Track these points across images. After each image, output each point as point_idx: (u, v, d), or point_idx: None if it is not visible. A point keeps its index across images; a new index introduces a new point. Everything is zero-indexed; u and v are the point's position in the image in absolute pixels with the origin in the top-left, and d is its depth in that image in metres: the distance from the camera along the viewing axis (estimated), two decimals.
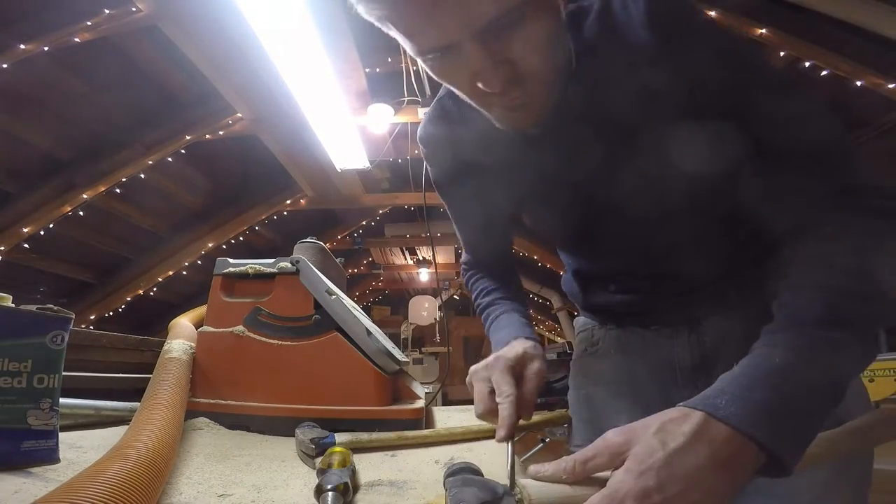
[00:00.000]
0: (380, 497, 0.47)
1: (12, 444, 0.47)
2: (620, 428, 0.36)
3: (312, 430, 0.63)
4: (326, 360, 0.76)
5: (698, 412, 0.34)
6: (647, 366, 0.68)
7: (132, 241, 4.38)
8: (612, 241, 0.65)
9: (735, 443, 0.33)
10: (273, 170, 4.01)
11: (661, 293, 0.66)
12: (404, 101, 3.21)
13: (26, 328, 0.49)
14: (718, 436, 0.33)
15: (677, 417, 0.35)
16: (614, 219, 0.61)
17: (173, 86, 3.28)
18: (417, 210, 5.36)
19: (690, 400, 0.36)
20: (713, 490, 0.32)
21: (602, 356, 0.74)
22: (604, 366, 0.73)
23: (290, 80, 2.39)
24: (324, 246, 1.12)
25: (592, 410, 0.73)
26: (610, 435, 0.36)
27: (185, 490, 0.47)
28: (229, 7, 1.91)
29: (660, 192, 0.56)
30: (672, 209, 0.57)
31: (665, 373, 0.66)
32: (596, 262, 0.73)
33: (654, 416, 0.36)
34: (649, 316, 0.69)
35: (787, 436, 0.34)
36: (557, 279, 4.04)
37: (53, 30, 2.42)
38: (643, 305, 0.68)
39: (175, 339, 0.81)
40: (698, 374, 0.63)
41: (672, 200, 0.56)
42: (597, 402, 0.73)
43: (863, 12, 2.22)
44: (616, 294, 0.71)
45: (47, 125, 3.04)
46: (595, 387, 0.74)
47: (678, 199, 0.56)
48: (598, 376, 0.74)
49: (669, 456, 0.32)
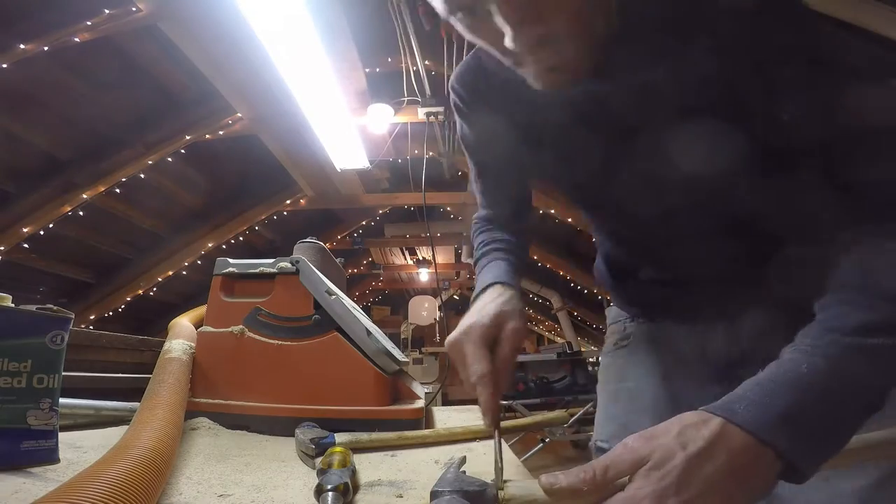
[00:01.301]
0: (380, 497, 0.47)
1: (12, 444, 0.47)
2: (641, 433, 0.35)
3: (312, 430, 0.63)
4: (326, 361, 0.76)
5: (717, 418, 0.34)
6: (679, 363, 0.66)
7: (132, 241, 4.38)
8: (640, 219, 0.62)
9: (752, 450, 0.32)
10: (273, 170, 4.01)
11: (693, 284, 0.63)
12: (404, 101, 3.21)
13: (26, 328, 0.49)
14: (736, 442, 0.32)
15: (697, 422, 0.34)
16: (645, 195, 0.58)
17: (173, 86, 3.28)
18: (417, 210, 5.36)
19: (711, 405, 0.36)
20: (730, 496, 0.32)
21: (633, 352, 0.72)
22: (634, 361, 0.71)
23: (290, 80, 2.39)
24: (324, 246, 1.13)
25: (619, 407, 0.72)
26: (631, 441, 0.35)
27: (185, 490, 0.47)
28: (229, 7, 1.91)
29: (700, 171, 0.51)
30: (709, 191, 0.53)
31: (699, 369, 0.65)
32: (622, 246, 0.71)
33: (675, 420, 0.35)
34: (682, 309, 0.67)
35: (807, 444, 0.34)
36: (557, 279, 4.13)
37: (53, 30, 2.42)
38: (674, 298, 0.66)
39: (175, 339, 0.81)
40: (734, 370, 0.60)
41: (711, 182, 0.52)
42: (624, 400, 0.71)
43: (863, 12, 2.22)
44: (646, 283, 0.69)
45: (47, 125, 3.04)
46: (623, 382, 0.72)
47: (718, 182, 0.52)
48: (628, 372, 0.72)
49: (689, 460, 0.32)
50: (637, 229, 0.65)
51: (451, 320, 10.26)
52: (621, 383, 0.73)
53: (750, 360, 0.59)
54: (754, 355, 0.58)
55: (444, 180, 4.71)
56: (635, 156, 0.54)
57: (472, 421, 0.88)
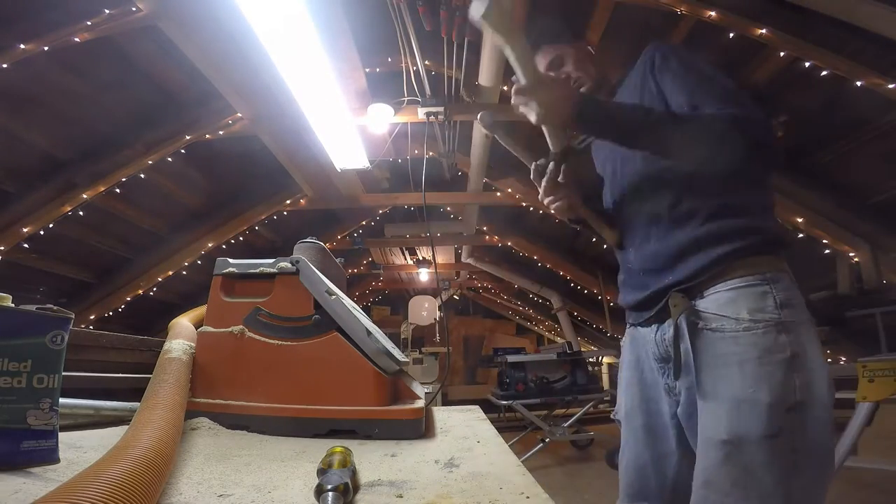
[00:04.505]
0: (380, 497, 0.47)
1: (12, 444, 0.47)
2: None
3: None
4: (326, 361, 0.76)
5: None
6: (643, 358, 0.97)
7: (132, 241, 4.38)
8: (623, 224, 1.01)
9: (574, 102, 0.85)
10: (273, 170, 4.00)
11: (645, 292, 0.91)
12: (404, 101, 3.21)
13: (26, 328, 0.49)
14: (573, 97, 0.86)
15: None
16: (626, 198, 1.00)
17: (173, 86, 3.27)
18: (417, 210, 5.36)
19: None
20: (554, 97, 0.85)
21: (624, 351, 1.03)
22: (625, 358, 1.03)
23: (290, 80, 2.39)
24: (324, 246, 1.12)
25: (619, 388, 1.05)
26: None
27: (185, 490, 0.47)
28: (229, 7, 1.91)
29: (632, 167, 0.97)
30: (641, 189, 0.96)
31: (655, 362, 0.93)
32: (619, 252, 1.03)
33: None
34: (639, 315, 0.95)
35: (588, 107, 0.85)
36: (557, 279, 4.14)
37: (53, 30, 2.42)
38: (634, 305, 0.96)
39: (175, 339, 0.81)
40: (666, 364, 0.89)
41: (642, 177, 0.95)
42: (622, 383, 1.03)
43: (863, 12, 2.22)
44: (623, 290, 1.01)
45: (47, 125, 3.04)
46: (622, 371, 1.04)
47: (646, 178, 0.94)
48: (623, 364, 1.04)
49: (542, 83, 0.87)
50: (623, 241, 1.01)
51: (451, 320, 10.26)
52: (622, 372, 1.04)
53: (671, 357, 0.85)
54: (669, 353, 0.86)
55: (444, 180, 4.71)
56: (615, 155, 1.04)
57: (472, 421, 0.88)
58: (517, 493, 0.47)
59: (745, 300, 0.77)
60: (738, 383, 0.74)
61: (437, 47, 2.86)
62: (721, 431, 0.74)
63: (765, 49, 2.81)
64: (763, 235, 0.81)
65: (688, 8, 2.59)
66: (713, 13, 2.57)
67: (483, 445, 0.68)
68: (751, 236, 0.81)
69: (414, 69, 2.95)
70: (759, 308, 0.76)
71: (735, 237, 0.81)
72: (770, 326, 0.75)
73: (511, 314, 10.00)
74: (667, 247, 0.87)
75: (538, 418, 4.21)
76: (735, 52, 2.91)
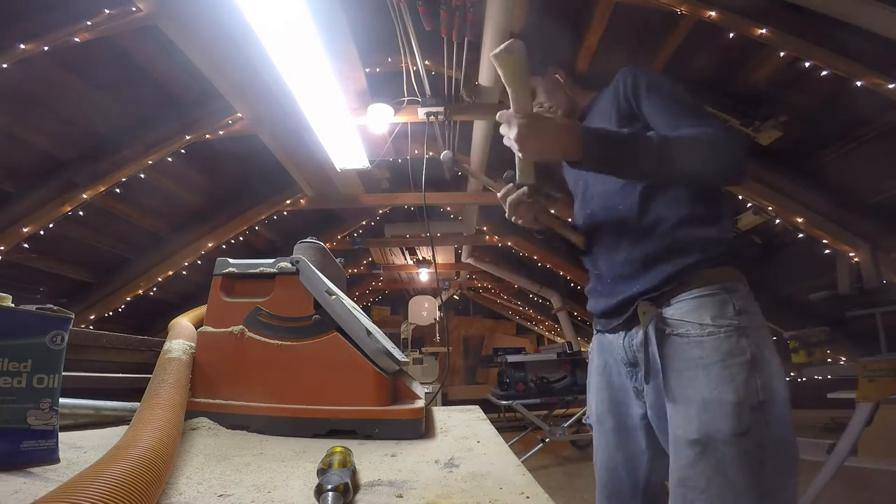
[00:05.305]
0: (380, 497, 0.47)
1: (12, 444, 0.47)
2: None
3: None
4: (326, 361, 0.76)
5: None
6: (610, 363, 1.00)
7: (132, 241, 4.38)
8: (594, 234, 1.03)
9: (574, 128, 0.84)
10: (273, 170, 4.00)
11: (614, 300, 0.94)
12: (404, 101, 3.20)
13: (26, 328, 0.49)
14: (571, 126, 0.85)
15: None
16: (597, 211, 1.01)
17: (173, 86, 3.27)
18: (417, 210, 5.36)
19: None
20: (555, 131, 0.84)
21: (593, 356, 1.06)
22: (593, 362, 1.06)
23: (290, 80, 2.39)
24: (324, 246, 1.12)
25: (589, 394, 1.08)
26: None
27: (185, 490, 0.47)
28: (229, 7, 1.91)
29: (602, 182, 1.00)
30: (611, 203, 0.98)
31: (623, 367, 0.96)
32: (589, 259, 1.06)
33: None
34: (607, 322, 0.98)
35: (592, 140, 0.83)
36: (557, 279, 4.13)
37: (53, 30, 2.42)
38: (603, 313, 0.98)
39: (175, 339, 0.81)
40: (633, 368, 0.93)
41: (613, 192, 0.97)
42: (591, 388, 1.06)
43: (863, 12, 2.22)
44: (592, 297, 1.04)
45: (47, 125, 3.04)
46: (591, 377, 1.07)
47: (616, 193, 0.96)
48: (591, 370, 1.07)
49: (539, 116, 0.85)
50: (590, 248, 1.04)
51: (451, 320, 10.25)
52: (590, 378, 1.07)
53: (639, 362, 0.90)
54: (637, 358, 0.90)
55: (444, 180, 4.71)
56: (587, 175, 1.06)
57: (472, 421, 0.88)
58: (517, 493, 0.47)
59: (707, 308, 0.82)
60: (705, 385, 0.78)
61: (437, 47, 2.86)
62: (692, 431, 0.77)
63: (765, 49, 2.81)
64: (725, 247, 0.87)
65: (688, 8, 2.59)
66: (713, 13, 2.57)
67: (483, 445, 0.68)
68: (714, 247, 0.86)
69: (414, 69, 2.95)
70: (720, 314, 0.81)
71: (700, 248, 0.86)
72: (731, 331, 0.80)
73: (511, 314, 10.00)
74: (636, 255, 0.91)
75: (538, 418, 4.21)
76: (735, 52, 2.91)
